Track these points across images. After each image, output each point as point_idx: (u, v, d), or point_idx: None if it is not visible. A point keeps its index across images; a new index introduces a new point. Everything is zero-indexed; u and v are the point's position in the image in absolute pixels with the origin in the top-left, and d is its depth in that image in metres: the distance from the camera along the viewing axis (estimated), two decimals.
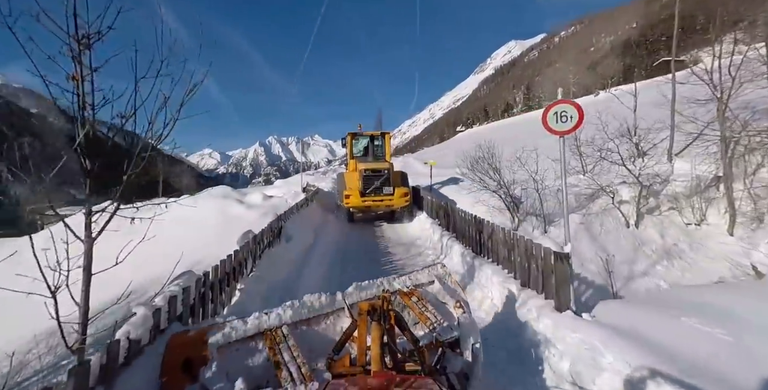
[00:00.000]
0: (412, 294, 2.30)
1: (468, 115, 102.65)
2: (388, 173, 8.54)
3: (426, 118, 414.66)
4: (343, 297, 2.16)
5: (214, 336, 1.80)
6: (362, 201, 8.29)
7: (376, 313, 1.51)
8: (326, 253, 5.76)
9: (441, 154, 30.13)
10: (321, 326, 2.12)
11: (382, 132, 10.45)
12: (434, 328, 2.03)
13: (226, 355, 1.81)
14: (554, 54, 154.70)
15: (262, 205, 7.24)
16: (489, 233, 4.67)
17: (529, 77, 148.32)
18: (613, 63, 51.00)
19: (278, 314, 1.97)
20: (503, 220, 6.79)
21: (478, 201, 7.04)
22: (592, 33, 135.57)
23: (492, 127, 56.41)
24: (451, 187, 10.52)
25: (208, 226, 6.23)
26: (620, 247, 6.14)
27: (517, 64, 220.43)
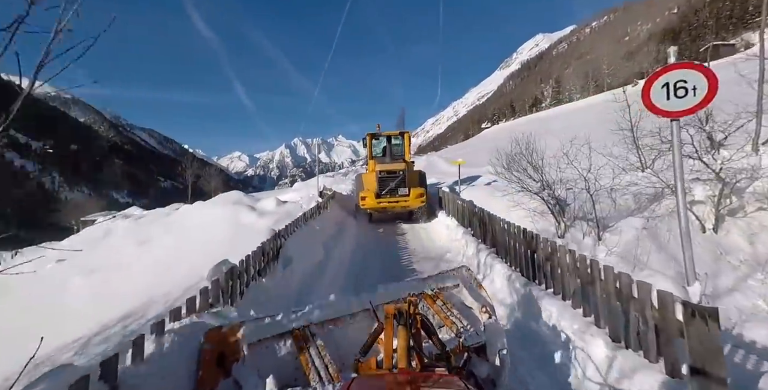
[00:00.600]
0: (437, 297, 2.27)
1: (494, 111, 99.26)
2: (403, 174, 8.45)
3: (450, 115, 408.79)
4: (369, 299, 2.14)
5: (247, 332, 1.81)
6: (378, 202, 8.32)
7: (402, 316, 1.49)
8: (336, 277, 4.93)
9: (467, 152, 28.87)
10: (347, 327, 2.12)
11: (401, 131, 10.22)
12: (460, 332, 1.99)
13: (256, 352, 1.82)
14: (585, 45, 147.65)
15: (275, 212, 6.71)
16: (547, 254, 3.52)
17: (559, 70, 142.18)
18: (654, 51, 47.07)
19: (306, 313, 2.00)
20: (546, 226, 5.82)
21: (516, 205, 6.13)
22: (627, 22, 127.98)
23: (519, 122, 53.89)
24: (482, 188, 9.47)
25: (215, 236, 5.74)
26: (697, 257, 5.03)
27: (545, 57, 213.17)
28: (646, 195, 5.80)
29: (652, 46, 50.87)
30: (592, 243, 5.47)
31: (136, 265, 5.06)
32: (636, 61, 55.87)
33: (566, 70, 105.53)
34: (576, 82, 59.77)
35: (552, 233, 5.64)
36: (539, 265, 3.69)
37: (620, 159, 6.39)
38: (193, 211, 7.07)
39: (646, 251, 5.22)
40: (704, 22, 61.63)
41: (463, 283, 2.47)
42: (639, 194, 5.86)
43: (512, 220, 5.44)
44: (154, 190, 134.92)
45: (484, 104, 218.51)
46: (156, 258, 5.21)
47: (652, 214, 5.47)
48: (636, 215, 5.60)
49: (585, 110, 33.50)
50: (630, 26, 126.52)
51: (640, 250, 5.25)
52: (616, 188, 5.93)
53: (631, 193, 5.89)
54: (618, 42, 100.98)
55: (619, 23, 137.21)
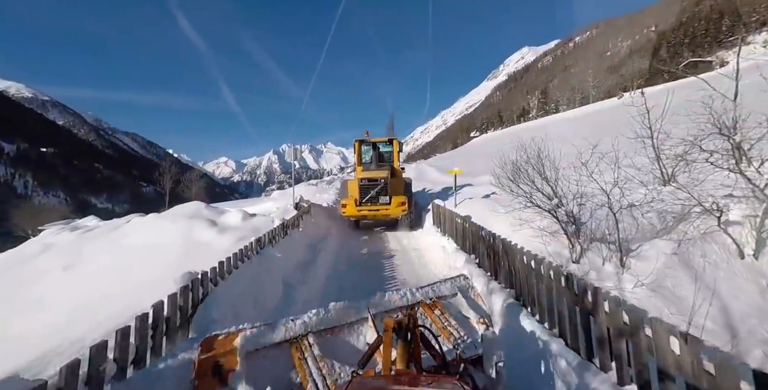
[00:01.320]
0: (435, 306, 2.23)
1: (482, 120, 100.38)
2: (384, 182, 8.31)
3: (438, 124, 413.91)
4: (368, 307, 2.10)
5: (243, 341, 1.75)
6: (358, 210, 8.28)
7: (402, 330, 1.46)
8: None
9: (457, 161, 28.44)
10: (345, 335, 2.06)
11: (390, 138, 10.05)
12: (457, 343, 1.94)
13: (253, 361, 1.75)
14: (569, 59, 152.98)
15: (240, 228, 5.62)
16: (617, 326, 2.06)
17: (544, 82, 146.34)
18: (635, 65, 48.54)
19: (304, 322, 1.93)
20: (558, 248, 4.94)
21: (522, 222, 5.25)
22: (609, 37, 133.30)
23: (509, 131, 54.20)
24: (480, 201, 8.41)
25: (162, 258, 4.62)
26: (738, 288, 4.27)
27: (531, 69, 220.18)
28: (671, 213, 5.03)
29: (634, 60, 52.57)
30: (613, 270, 4.62)
31: (50, 298, 3.91)
32: (619, 75, 57.50)
33: (551, 83, 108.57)
34: (563, 94, 60.93)
35: (566, 258, 4.78)
36: (601, 339, 2.18)
37: (640, 170, 5.61)
38: (142, 224, 5.87)
39: (678, 282, 4.41)
40: (681, 39, 64.20)
41: (461, 292, 2.40)
42: (664, 212, 5.08)
43: (517, 240, 4.57)
44: (135, 195, 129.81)
45: (473, 114, 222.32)
46: (80, 288, 4.06)
47: (682, 237, 4.69)
48: (662, 237, 4.80)
49: (579, 120, 33.61)
50: (611, 41, 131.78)
51: (671, 281, 4.44)
52: (636, 204, 5.13)
53: (655, 211, 5.11)
54: (600, 56, 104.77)
55: (601, 38, 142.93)
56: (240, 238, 4.98)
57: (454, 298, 2.43)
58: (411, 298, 2.25)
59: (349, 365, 1.83)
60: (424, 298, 2.30)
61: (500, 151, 6.03)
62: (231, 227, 5.56)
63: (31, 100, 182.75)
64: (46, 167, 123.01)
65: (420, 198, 12.30)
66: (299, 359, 1.79)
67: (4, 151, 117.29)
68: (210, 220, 5.59)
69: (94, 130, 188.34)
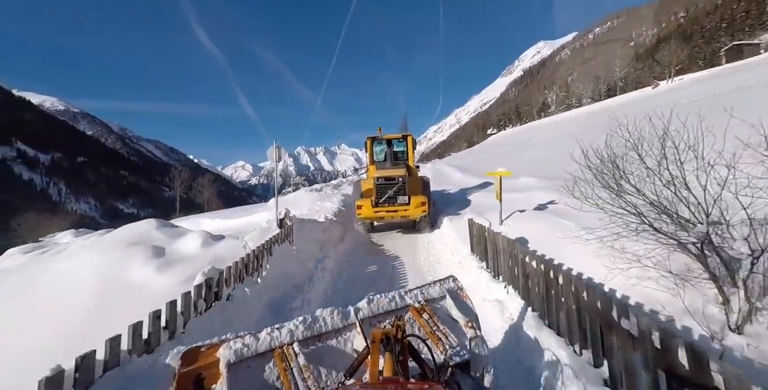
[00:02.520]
0: (423, 310, 2.14)
1: (500, 116, 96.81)
2: (403, 180, 7.86)
3: (452, 123, 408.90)
4: (355, 313, 2.02)
5: (226, 352, 1.68)
6: (374, 212, 7.81)
7: (390, 342, 1.44)
8: None
9: (479, 159, 25.99)
10: (332, 343, 1.95)
11: (404, 134, 9.45)
12: (445, 349, 1.88)
13: (237, 373, 1.67)
14: (589, 51, 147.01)
15: (196, 258, 3.97)
16: None
17: (562, 76, 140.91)
18: (666, 54, 44.36)
19: (290, 330, 1.84)
20: (698, 302, 2.78)
21: (632, 259, 3.22)
22: (631, 27, 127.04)
23: (529, 127, 51.15)
24: (536, 217, 5.95)
25: (71, 307, 2.97)
26: None
27: (548, 64, 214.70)
28: None
29: (664, 49, 48.25)
30: None
31: None
32: (646, 64, 53.44)
33: (570, 76, 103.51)
34: (587, 87, 57.26)
35: (718, 322, 2.67)
36: None
37: None
38: (66, 253, 4.43)
39: None
40: (718, 24, 59.30)
41: (450, 295, 2.28)
42: None
43: (617, 285, 2.82)
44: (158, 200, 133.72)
45: (487, 111, 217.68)
46: None
47: None
48: None
49: (611, 111, 30.93)
50: (635, 31, 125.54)
51: None
52: None
53: None
54: (623, 47, 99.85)
55: (622, 29, 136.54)
56: (187, 278, 3.30)
57: (443, 300, 2.29)
58: (400, 302, 2.15)
59: (336, 372, 1.78)
60: (413, 301, 2.19)
61: (547, 142, 4.17)
62: (183, 258, 3.92)
63: (64, 113, 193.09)
64: (77, 175, 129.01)
65: (441, 203, 10.52)
66: (284, 369, 1.70)
67: (40, 161, 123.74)
68: (156, 248, 3.96)
69: (120, 139, 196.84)
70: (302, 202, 11.71)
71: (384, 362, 1.40)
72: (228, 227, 9.54)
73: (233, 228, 9.10)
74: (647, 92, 35.48)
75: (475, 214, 6.66)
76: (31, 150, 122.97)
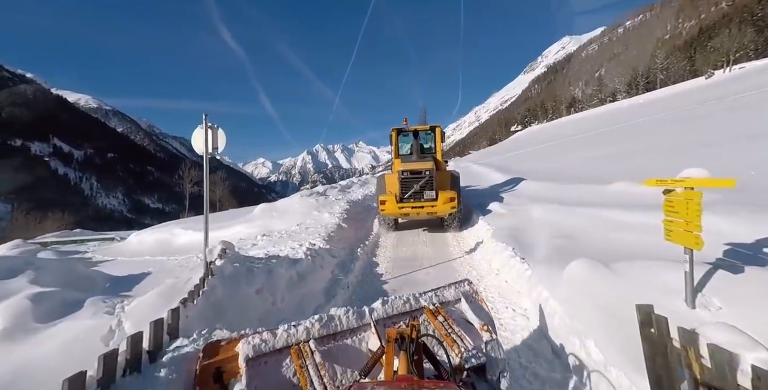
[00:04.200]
0: (438, 312, 2.14)
1: (526, 113, 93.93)
2: (430, 174, 7.37)
3: (471, 121, 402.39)
4: (370, 313, 2.03)
5: (245, 347, 1.71)
6: (399, 208, 7.37)
7: (404, 341, 1.42)
8: None
9: (517, 156, 24.46)
10: (347, 342, 1.97)
11: (432, 125, 8.82)
12: (461, 352, 1.87)
13: (254, 368, 1.70)
14: (619, 45, 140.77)
15: None
16: None
17: (589, 72, 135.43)
18: (732, 37, 40.22)
19: (306, 328, 1.86)
20: None
21: None
22: (666, 19, 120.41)
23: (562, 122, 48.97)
24: None
25: None
26: None
27: (574, 59, 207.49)
28: None
29: (727, 33, 44.11)
30: None
31: None
32: (687, 56, 50.18)
33: (597, 72, 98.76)
34: (621, 80, 54.40)
35: None
36: None
37: None
38: None
39: None
40: None
41: (465, 298, 2.27)
42: None
43: None
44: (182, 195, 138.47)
45: (508, 108, 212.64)
46: None
47: None
48: None
49: (657, 104, 28.70)
50: (670, 23, 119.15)
51: None
52: None
53: None
54: (659, 40, 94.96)
55: (656, 21, 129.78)
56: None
57: (458, 303, 2.29)
58: (414, 304, 2.16)
59: (351, 371, 1.82)
60: (428, 303, 2.19)
61: (599, 135, 3.44)
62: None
63: (96, 110, 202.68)
64: (108, 171, 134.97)
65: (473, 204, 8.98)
66: (300, 366, 1.72)
67: (74, 156, 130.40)
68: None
69: (147, 136, 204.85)
70: (292, 212, 8.94)
71: (399, 362, 1.39)
72: (196, 244, 7.59)
73: (201, 244, 7.50)
74: (699, 83, 33.17)
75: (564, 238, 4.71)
76: (66, 146, 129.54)
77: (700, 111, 16.08)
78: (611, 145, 14.01)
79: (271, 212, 9.45)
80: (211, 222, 9.09)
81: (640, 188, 5.92)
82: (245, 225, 8.58)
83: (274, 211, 9.46)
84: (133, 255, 8.60)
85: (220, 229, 8.33)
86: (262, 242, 6.59)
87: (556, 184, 9.00)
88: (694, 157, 8.31)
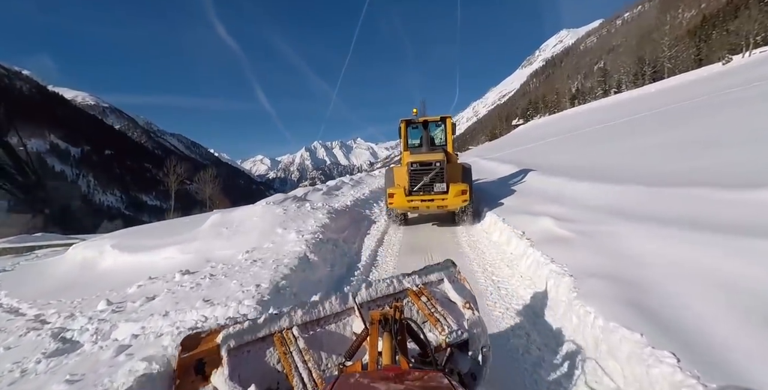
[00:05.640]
0: (421, 293, 2.16)
1: (528, 105, 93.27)
2: (440, 166, 7.15)
3: (470, 116, 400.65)
4: (354, 297, 2.02)
5: (226, 337, 1.69)
6: (408, 201, 7.15)
7: (388, 323, 1.44)
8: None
9: (526, 150, 23.21)
10: (331, 327, 1.98)
11: (442, 116, 8.51)
12: (443, 330, 1.89)
13: (237, 357, 1.69)
14: (618, 37, 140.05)
15: None
16: None
17: (588, 64, 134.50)
18: (752, 19, 38.81)
19: (289, 315, 1.86)
20: None
21: None
22: (666, 10, 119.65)
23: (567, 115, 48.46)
24: None
25: None
26: None
27: (572, 52, 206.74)
28: None
29: (746, 15, 42.96)
30: None
31: None
32: (694, 43, 49.67)
33: (597, 65, 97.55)
34: (628, 71, 53.94)
35: None
36: None
37: None
38: None
39: None
40: None
41: (447, 278, 2.29)
42: None
43: None
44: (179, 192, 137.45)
45: (506, 103, 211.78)
46: None
47: None
48: None
49: (673, 92, 27.91)
50: (670, 13, 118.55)
51: None
52: None
53: None
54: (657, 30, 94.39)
55: (654, 13, 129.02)
56: None
57: (441, 284, 2.28)
58: (398, 286, 2.16)
59: (336, 355, 1.84)
60: (411, 285, 2.20)
61: (614, 127, 2.99)
62: None
63: (93, 108, 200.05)
64: (105, 168, 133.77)
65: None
66: (284, 353, 1.70)
67: (71, 154, 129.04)
68: None
69: (145, 133, 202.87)
70: (250, 228, 6.73)
71: (383, 343, 1.40)
72: (121, 270, 6.25)
73: (127, 271, 5.89)
74: (717, 69, 32.61)
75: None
76: (62, 143, 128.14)
77: (732, 96, 15.20)
78: (651, 136, 11.62)
79: (220, 228, 6.91)
80: (145, 238, 7.73)
81: None
82: (180, 248, 6.29)
83: (224, 227, 6.92)
84: (36, 283, 6.72)
85: (148, 252, 6.46)
86: (161, 300, 4.06)
87: (638, 189, 5.66)
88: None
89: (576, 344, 2.71)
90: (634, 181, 6.26)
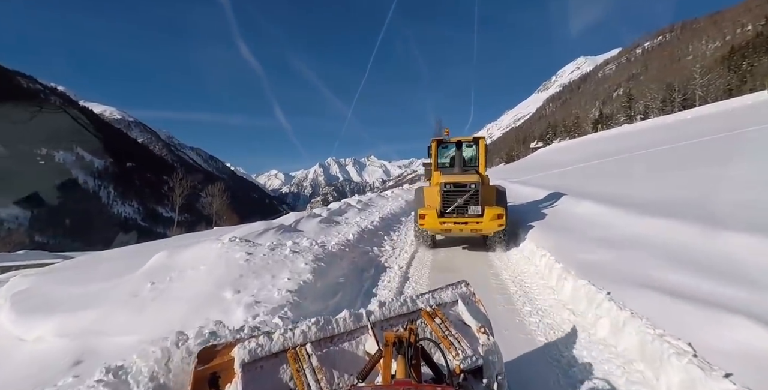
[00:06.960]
0: (435, 314, 2.12)
1: (546, 129, 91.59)
2: (476, 188, 6.86)
3: None
4: (368, 316, 2.00)
5: (241, 352, 1.67)
6: (440, 223, 6.87)
7: (402, 345, 1.43)
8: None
9: (558, 175, 21.36)
10: (344, 345, 1.94)
11: (475, 137, 8.31)
12: (457, 354, 1.86)
13: (251, 373, 1.67)
14: (636, 66, 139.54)
15: None
16: None
17: (606, 91, 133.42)
18: None
19: (303, 331, 1.82)
20: None
21: None
22: (688, 41, 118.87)
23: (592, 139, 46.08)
24: None
25: None
26: None
27: (590, 79, 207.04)
28: None
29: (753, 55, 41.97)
30: None
31: None
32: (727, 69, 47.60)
33: (615, 92, 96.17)
34: (656, 97, 51.93)
35: None
36: None
37: None
38: None
39: None
40: None
41: (462, 300, 2.26)
42: None
43: None
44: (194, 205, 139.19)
45: (521, 126, 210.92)
46: None
47: None
48: None
49: (714, 119, 25.78)
50: (693, 44, 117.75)
51: None
52: None
53: None
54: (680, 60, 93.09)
55: (676, 43, 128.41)
56: None
57: (455, 305, 2.25)
58: (411, 306, 2.12)
59: (348, 375, 1.79)
60: (425, 305, 2.15)
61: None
62: None
63: (120, 122, 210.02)
64: (125, 180, 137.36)
65: None
66: (297, 370, 1.68)
67: (94, 165, 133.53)
68: None
69: (166, 146, 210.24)
70: (189, 281, 4.48)
71: (396, 365, 1.39)
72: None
73: None
74: (762, 97, 30.39)
75: None
76: (87, 155, 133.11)
77: None
78: (735, 163, 9.05)
79: (154, 276, 4.71)
80: (68, 284, 5.02)
81: None
82: (65, 320, 3.95)
83: (157, 278, 4.64)
84: None
85: (34, 319, 4.13)
86: None
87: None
88: None
89: None
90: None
